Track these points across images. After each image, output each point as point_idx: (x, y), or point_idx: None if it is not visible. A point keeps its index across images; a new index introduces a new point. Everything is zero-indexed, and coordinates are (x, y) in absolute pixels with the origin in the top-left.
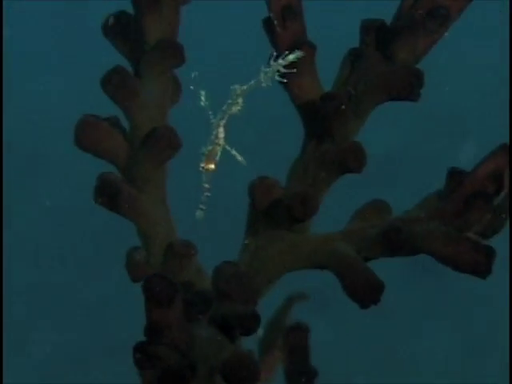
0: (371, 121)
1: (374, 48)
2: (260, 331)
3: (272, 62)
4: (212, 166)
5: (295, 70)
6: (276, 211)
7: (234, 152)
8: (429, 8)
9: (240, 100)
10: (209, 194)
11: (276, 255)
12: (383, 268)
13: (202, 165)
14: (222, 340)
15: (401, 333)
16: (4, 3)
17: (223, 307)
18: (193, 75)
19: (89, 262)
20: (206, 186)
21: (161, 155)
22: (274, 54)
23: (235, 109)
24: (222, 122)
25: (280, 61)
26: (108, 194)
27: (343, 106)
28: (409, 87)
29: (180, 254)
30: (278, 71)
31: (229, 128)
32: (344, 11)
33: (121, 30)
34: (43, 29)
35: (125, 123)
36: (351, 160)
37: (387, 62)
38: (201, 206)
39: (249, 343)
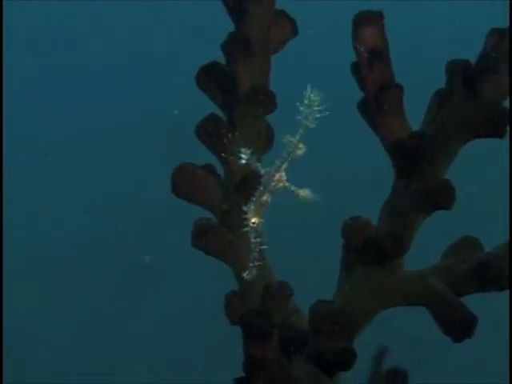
0: None
1: (459, 87)
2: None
3: (302, 108)
4: (260, 220)
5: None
6: (369, 250)
7: (304, 191)
8: None
9: (301, 145)
10: (264, 247)
11: (370, 293)
12: None
13: (253, 220)
14: (320, 377)
15: None
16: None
17: (319, 344)
18: None
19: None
20: (258, 240)
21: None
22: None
23: (300, 152)
24: (283, 166)
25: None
26: (205, 238)
27: (431, 145)
28: (495, 125)
29: (277, 294)
30: (317, 110)
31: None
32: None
33: (213, 79)
34: None
35: (219, 170)
36: (441, 197)
37: (473, 100)
38: (253, 264)
39: None
